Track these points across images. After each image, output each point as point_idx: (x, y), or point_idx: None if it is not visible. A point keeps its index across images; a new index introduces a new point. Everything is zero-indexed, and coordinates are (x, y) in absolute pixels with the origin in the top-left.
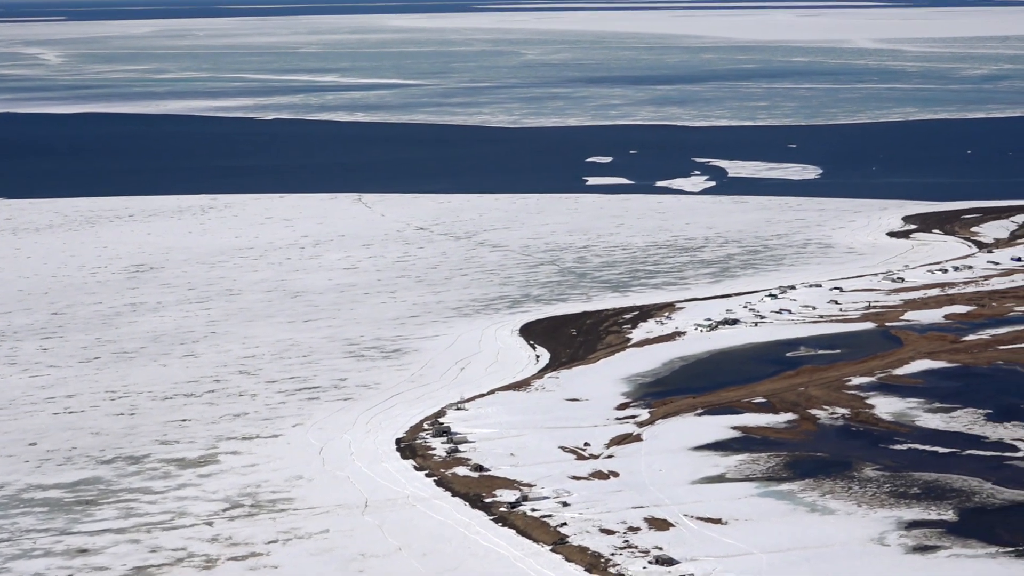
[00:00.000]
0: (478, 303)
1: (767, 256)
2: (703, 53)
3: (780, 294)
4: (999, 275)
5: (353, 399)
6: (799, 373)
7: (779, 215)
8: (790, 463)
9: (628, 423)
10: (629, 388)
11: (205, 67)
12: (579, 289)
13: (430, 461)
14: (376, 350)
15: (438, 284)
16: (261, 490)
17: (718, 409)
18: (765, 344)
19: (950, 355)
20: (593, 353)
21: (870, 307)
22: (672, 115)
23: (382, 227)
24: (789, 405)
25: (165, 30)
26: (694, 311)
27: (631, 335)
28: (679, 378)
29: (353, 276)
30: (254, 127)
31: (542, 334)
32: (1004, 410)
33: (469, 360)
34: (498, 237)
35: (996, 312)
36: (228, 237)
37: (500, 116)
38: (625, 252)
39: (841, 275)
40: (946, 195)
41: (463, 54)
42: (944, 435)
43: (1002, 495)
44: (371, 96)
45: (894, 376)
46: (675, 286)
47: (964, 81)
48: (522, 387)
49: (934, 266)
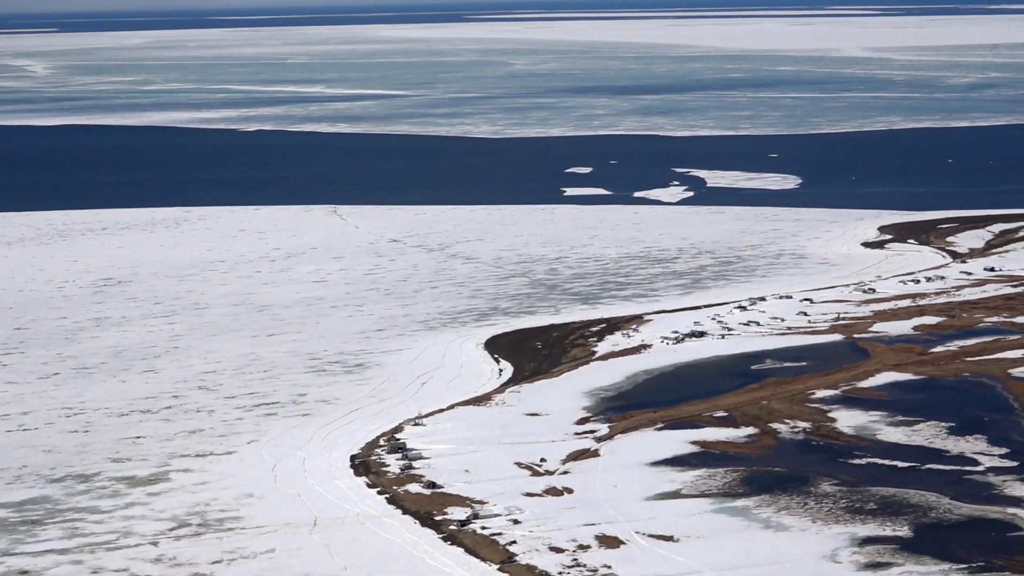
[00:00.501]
0: (445, 316)
1: (739, 267)
2: (691, 62)
3: (750, 306)
4: (971, 285)
5: (311, 415)
6: (763, 386)
7: (755, 225)
8: (747, 478)
9: (586, 438)
10: (590, 402)
11: (192, 78)
12: (548, 302)
13: (383, 478)
14: (338, 365)
15: (407, 297)
16: (210, 509)
17: (679, 423)
18: (731, 357)
19: (916, 367)
20: (557, 367)
21: (839, 319)
22: (655, 125)
23: (355, 239)
24: (750, 419)
25: (156, 41)
26: (662, 323)
27: (597, 348)
28: (642, 392)
29: (322, 289)
30: (235, 139)
31: (507, 348)
32: (967, 423)
33: (431, 374)
34: (471, 249)
35: (966, 323)
36: (200, 250)
37: (483, 127)
38: (597, 264)
39: (813, 286)
40: (924, 205)
41: (451, 64)
42: (905, 449)
43: (959, 510)
44: (355, 107)
45: (858, 389)
46: (645, 298)
47: (950, 90)
48: (482, 402)
49: (906, 277)
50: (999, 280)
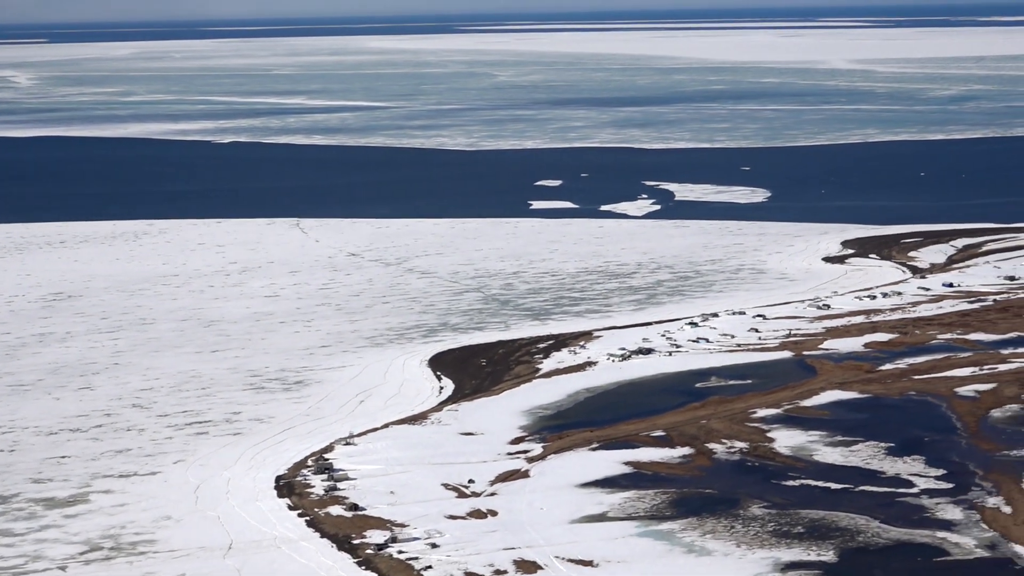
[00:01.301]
0: (393, 332)
1: (697, 282)
2: (675, 74)
3: (701, 322)
4: (928, 301)
5: (243, 434)
6: (705, 405)
7: (717, 240)
8: (676, 500)
9: (519, 458)
10: (528, 421)
11: (174, 89)
12: (499, 317)
13: (306, 500)
14: (278, 382)
15: (357, 312)
16: (125, 532)
17: (614, 443)
18: (676, 374)
19: (862, 385)
20: (498, 384)
21: (790, 335)
22: (631, 137)
23: (313, 253)
24: (688, 439)
25: (143, 52)
26: (611, 340)
27: (541, 365)
28: (581, 410)
29: (272, 304)
30: (209, 151)
31: (451, 365)
32: (907, 443)
33: (371, 392)
34: (428, 263)
35: (918, 340)
36: (155, 264)
37: (459, 139)
38: (554, 278)
39: (768, 302)
40: (891, 219)
41: (435, 76)
42: (840, 470)
43: (887, 534)
44: (333, 119)
45: (801, 408)
46: (598, 314)
47: (931, 102)
48: (417, 421)
49: (863, 292)
50: (957, 296)
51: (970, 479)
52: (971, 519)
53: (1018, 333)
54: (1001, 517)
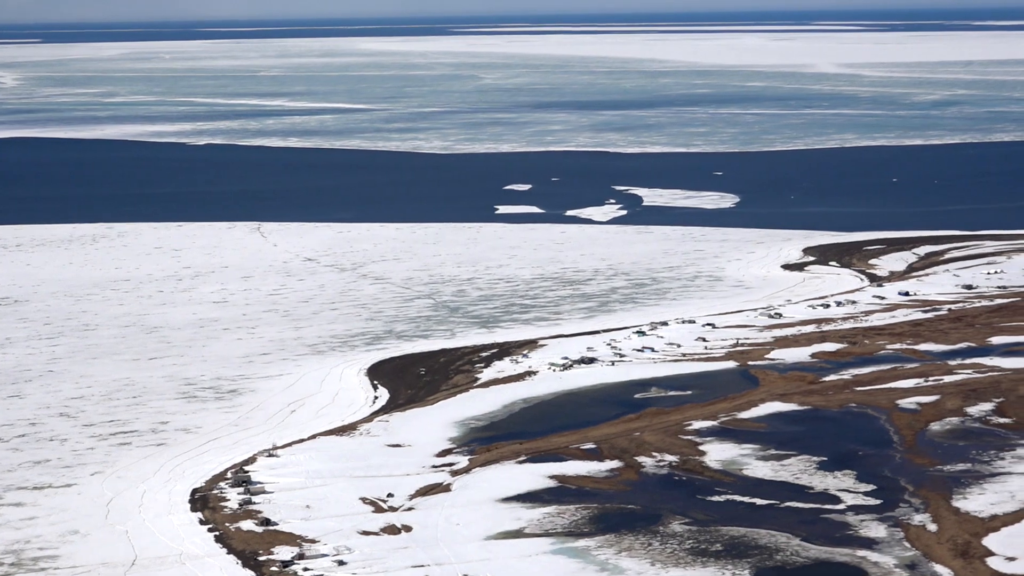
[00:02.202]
0: (337, 340)
1: (651, 290)
2: (661, 78)
3: (649, 331)
4: (882, 310)
5: (167, 444)
6: (641, 416)
7: (679, 246)
8: (597, 516)
9: (443, 472)
10: (458, 433)
11: (157, 91)
12: (446, 325)
13: (219, 514)
14: (212, 391)
15: (304, 319)
16: (29, 547)
17: (543, 456)
18: (616, 385)
19: (803, 397)
20: (434, 394)
21: (737, 345)
22: (608, 141)
23: (269, 258)
24: (618, 452)
25: (132, 53)
26: (556, 349)
27: (481, 375)
28: (515, 422)
29: (219, 310)
30: (182, 153)
31: (390, 374)
32: (840, 457)
33: (304, 402)
34: (383, 269)
35: (866, 350)
36: (108, 268)
37: (435, 142)
38: (508, 285)
39: (722, 310)
40: (857, 225)
41: (421, 78)
42: (768, 485)
43: (807, 553)
44: (312, 121)
45: (738, 420)
46: (547, 321)
47: (913, 107)
48: (345, 432)
49: (817, 301)
50: (911, 305)
51: (899, 495)
52: (895, 537)
53: (969, 344)
54: (925, 535)
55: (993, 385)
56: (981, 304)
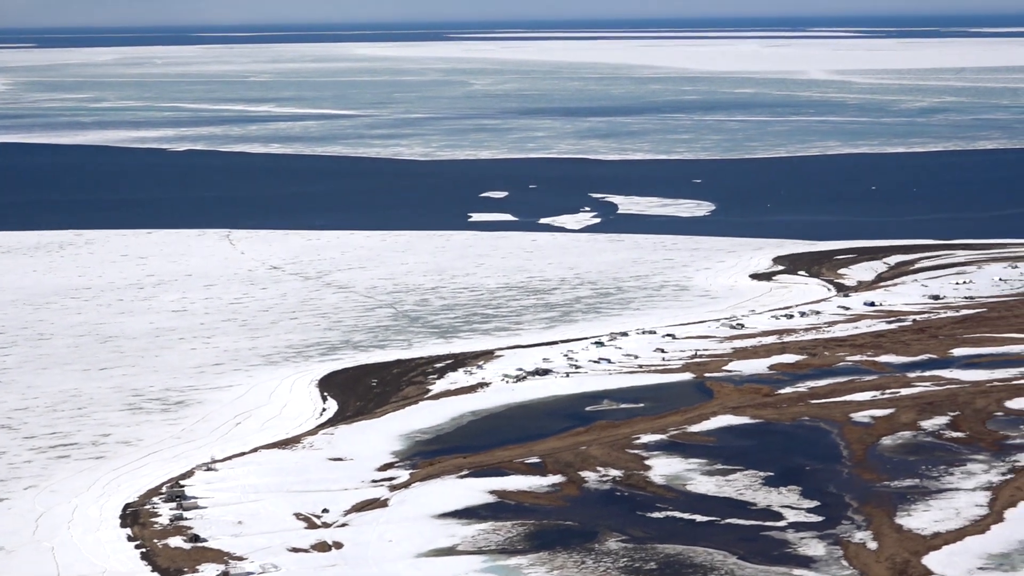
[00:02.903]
0: (292, 350)
1: (616, 299)
2: (651, 84)
3: (608, 342)
4: (845, 321)
5: (106, 457)
6: (589, 430)
7: (649, 255)
8: (533, 533)
9: (382, 486)
10: (402, 446)
11: (146, 96)
12: (404, 335)
13: (148, 530)
14: (159, 402)
15: (261, 329)
16: None
17: (485, 470)
18: (568, 397)
19: (755, 410)
20: (383, 406)
21: (696, 356)
22: (590, 148)
23: (235, 266)
24: (562, 466)
25: (126, 58)
26: (512, 359)
27: (433, 386)
28: (461, 435)
29: (177, 319)
30: (163, 159)
31: (341, 385)
32: (786, 473)
33: (251, 414)
34: (348, 277)
35: (825, 362)
36: (71, 276)
37: (416, 148)
38: (472, 294)
39: (685, 320)
40: (830, 234)
41: (411, 84)
42: (711, 501)
43: (742, 571)
44: (296, 127)
45: (687, 434)
46: (507, 331)
47: (899, 114)
48: (289, 445)
49: (781, 311)
50: (876, 316)
51: (842, 512)
52: (833, 555)
53: (930, 355)
54: (864, 553)
55: (950, 398)
56: (946, 315)
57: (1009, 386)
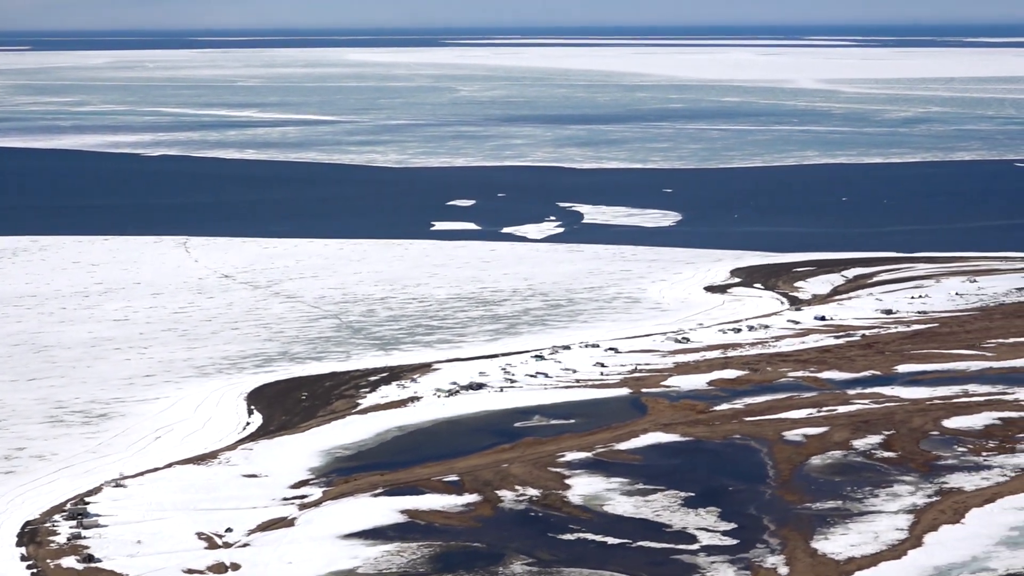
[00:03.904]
0: (227, 361)
1: (565, 311)
2: (638, 91)
3: (549, 355)
4: (794, 336)
5: (16, 472)
6: (515, 447)
7: (607, 265)
8: (438, 555)
9: (292, 504)
10: (321, 462)
11: (130, 100)
12: (344, 347)
13: (43, 550)
14: (81, 415)
15: (200, 339)
16: None
17: (401, 489)
18: (499, 412)
19: (687, 427)
20: (309, 421)
21: (635, 371)
22: (566, 156)
23: (186, 274)
24: (480, 485)
25: (117, 62)
26: (449, 373)
27: (363, 400)
28: (384, 451)
29: (117, 329)
30: (134, 164)
31: (271, 398)
32: (709, 493)
33: (172, 427)
34: (297, 287)
35: (765, 378)
36: (18, 284)
37: (391, 155)
38: (420, 305)
39: (632, 333)
40: (793, 245)
41: (397, 90)
42: (626, 522)
43: None
44: (274, 132)
45: (614, 452)
46: (449, 344)
47: (883, 124)
48: (204, 460)
49: (730, 325)
50: (825, 330)
51: (758, 535)
52: None
53: (874, 372)
54: None
55: (887, 417)
56: (896, 330)
57: (949, 404)
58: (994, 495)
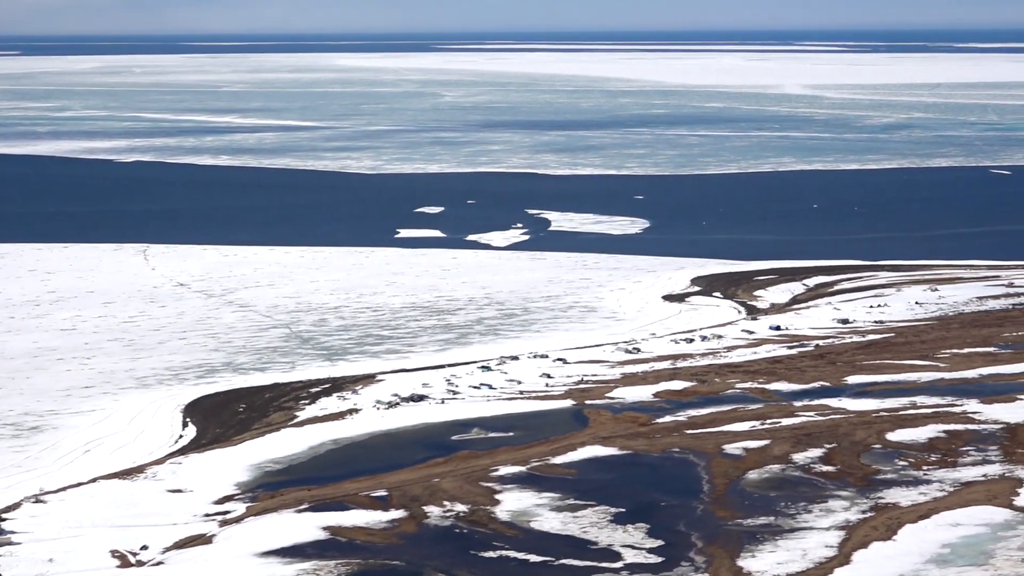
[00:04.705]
0: (170, 372)
1: (518, 321)
2: (622, 97)
3: (496, 365)
4: (747, 346)
5: None
6: (449, 460)
7: (567, 274)
8: (355, 573)
9: (213, 521)
10: (249, 477)
11: (112, 105)
12: (290, 357)
13: None
14: (13, 427)
15: (146, 349)
16: None
17: (327, 504)
18: (438, 425)
19: (626, 440)
20: (243, 433)
21: (581, 382)
22: (541, 162)
23: (141, 282)
24: (407, 500)
25: (105, 67)
26: (391, 384)
27: (301, 412)
28: (315, 465)
29: (63, 339)
30: (106, 170)
31: (208, 410)
32: (639, 508)
33: (103, 441)
34: (252, 295)
35: (713, 389)
36: None
37: (365, 161)
38: (374, 314)
39: (584, 343)
40: (759, 253)
41: (382, 95)
42: (552, 539)
43: None
44: (251, 139)
45: (549, 466)
46: (396, 354)
47: (863, 130)
48: (130, 475)
49: (683, 335)
50: (779, 340)
51: (684, 552)
52: None
53: (823, 383)
54: None
55: (830, 429)
56: (851, 340)
57: (895, 416)
58: (929, 511)
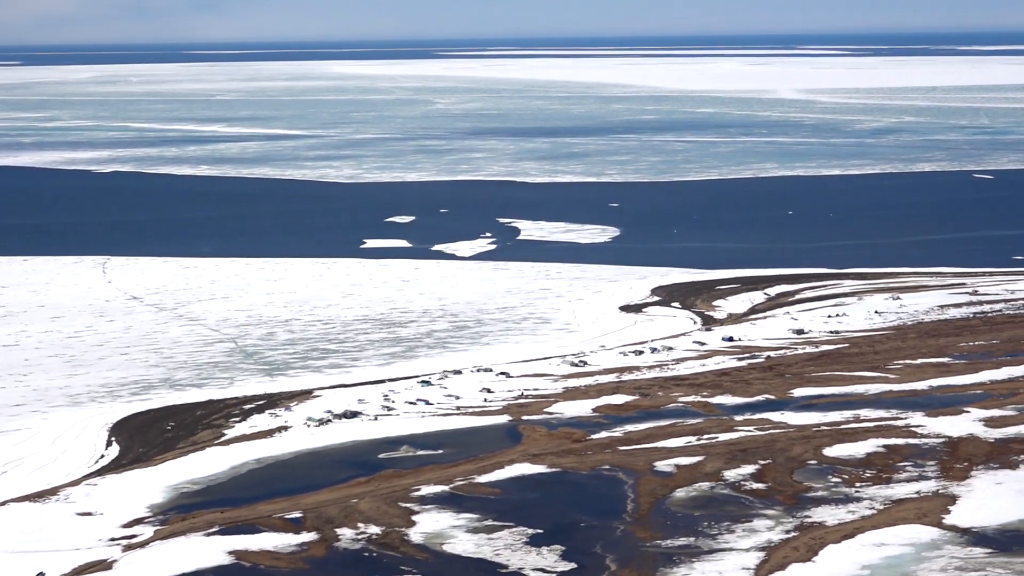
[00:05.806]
0: (105, 389)
1: (470, 333)
2: (614, 103)
3: (437, 380)
4: (696, 358)
5: None
6: (371, 480)
7: (528, 284)
8: None
9: (117, 546)
10: (163, 499)
11: (101, 115)
12: (230, 373)
13: None
14: None
15: (85, 365)
16: None
17: (238, 527)
18: (368, 443)
19: (556, 458)
20: (165, 453)
21: (521, 396)
22: (522, 170)
23: (94, 296)
24: (322, 522)
25: (102, 76)
26: (327, 400)
27: (229, 430)
28: (234, 486)
29: (3, 355)
30: (83, 181)
31: (136, 429)
32: (557, 529)
33: (23, 461)
34: (204, 308)
35: (654, 404)
36: None
37: (345, 170)
38: (323, 327)
39: (533, 355)
40: (725, 262)
41: (373, 103)
42: (462, 563)
43: None
44: (234, 148)
45: (472, 485)
46: (340, 368)
47: (852, 135)
48: (42, 497)
49: (632, 346)
50: (730, 352)
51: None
52: None
53: (768, 396)
54: None
55: (767, 445)
56: (803, 351)
57: (835, 431)
58: (855, 530)
